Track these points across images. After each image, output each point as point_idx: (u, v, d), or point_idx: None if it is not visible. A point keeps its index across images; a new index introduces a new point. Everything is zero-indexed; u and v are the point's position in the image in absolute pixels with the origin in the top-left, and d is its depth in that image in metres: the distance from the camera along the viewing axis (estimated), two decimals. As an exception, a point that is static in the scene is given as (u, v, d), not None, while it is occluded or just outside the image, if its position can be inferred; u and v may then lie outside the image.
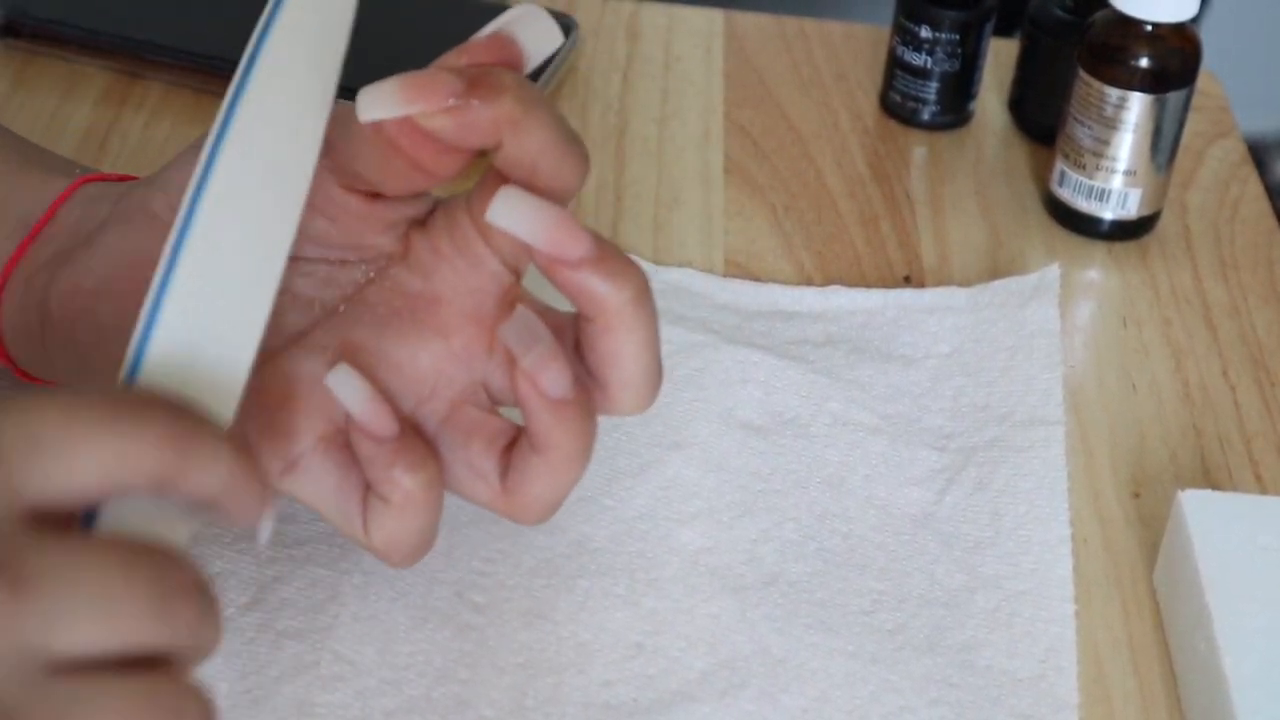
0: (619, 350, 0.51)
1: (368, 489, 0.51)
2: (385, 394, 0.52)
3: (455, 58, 0.51)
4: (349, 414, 0.50)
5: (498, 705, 0.54)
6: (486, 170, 0.52)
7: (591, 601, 0.58)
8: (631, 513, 0.61)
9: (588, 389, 0.51)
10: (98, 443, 0.40)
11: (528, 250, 0.51)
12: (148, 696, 0.40)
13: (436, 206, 0.54)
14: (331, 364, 0.52)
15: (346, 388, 0.50)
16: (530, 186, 0.50)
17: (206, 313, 0.46)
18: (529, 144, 0.50)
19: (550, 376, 0.49)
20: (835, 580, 0.59)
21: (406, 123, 0.49)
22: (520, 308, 0.51)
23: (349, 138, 0.51)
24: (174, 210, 0.52)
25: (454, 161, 0.51)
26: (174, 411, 0.41)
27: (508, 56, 0.51)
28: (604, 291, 0.50)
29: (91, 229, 0.55)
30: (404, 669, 0.55)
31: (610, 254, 0.50)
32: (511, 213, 0.49)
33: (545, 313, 0.53)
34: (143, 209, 0.54)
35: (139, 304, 0.50)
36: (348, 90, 0.50)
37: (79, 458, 0.40)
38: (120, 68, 0.82)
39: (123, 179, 0.58)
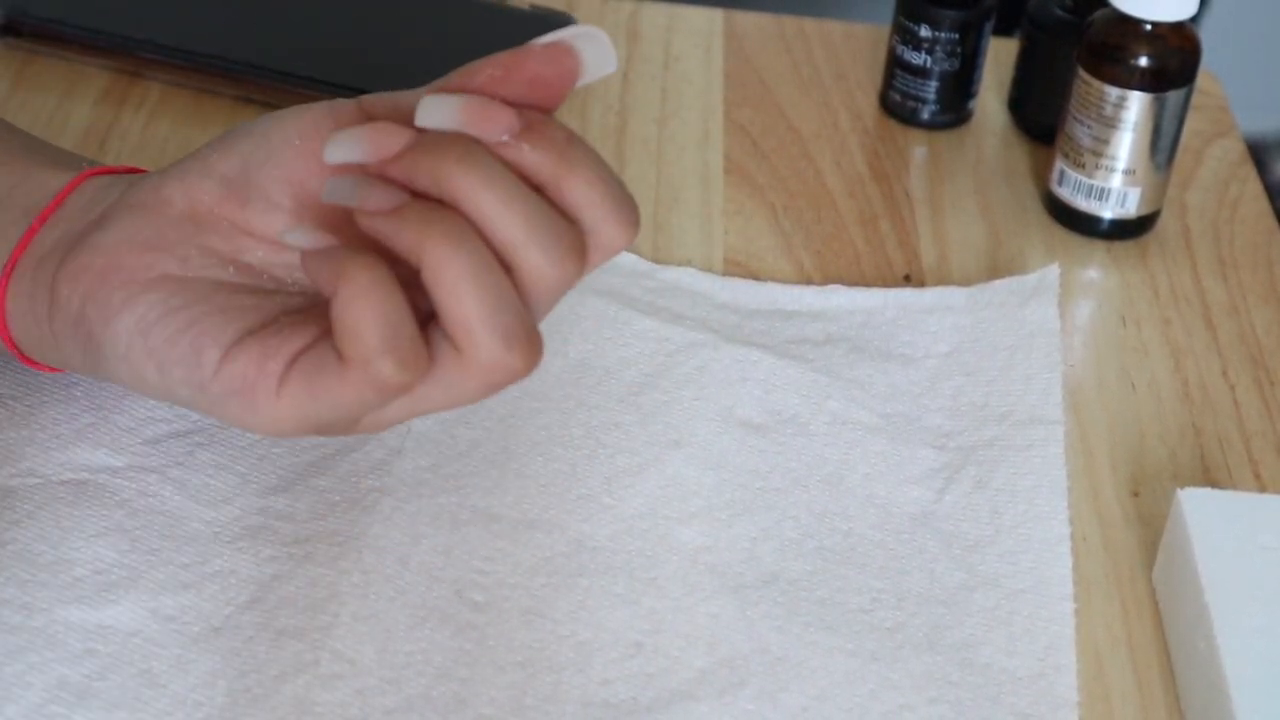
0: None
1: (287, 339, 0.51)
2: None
3: (513, 61, 0.51)
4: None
5: (497, 704, 0.54)
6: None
7: (591, 600, 0.58)
8: (631, 511, 0.61)
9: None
10: None
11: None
12: None
13: None
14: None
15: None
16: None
17: None
18: (570, 198, 0.50)
19: (375, 195, 0.50)
20: (835, 579, 0.59)
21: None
22: (331, 178, 0.51)
23: (380, 106, 0.53)
24: (189, 199, 0.53)
25: None
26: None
27: (565, 69, 0.51)
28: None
29: (101, 213, 0.55)
30: (403, 668, 0.55)
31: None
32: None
33: None
34: (156, 194, 0.54)
35: (145, 281, 0.50)
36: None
37: None
38: (120, 68, 0.82)
39: (131, 171, 0.58)
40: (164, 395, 0.53)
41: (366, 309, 0.48)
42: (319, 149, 0.53)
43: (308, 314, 0.52)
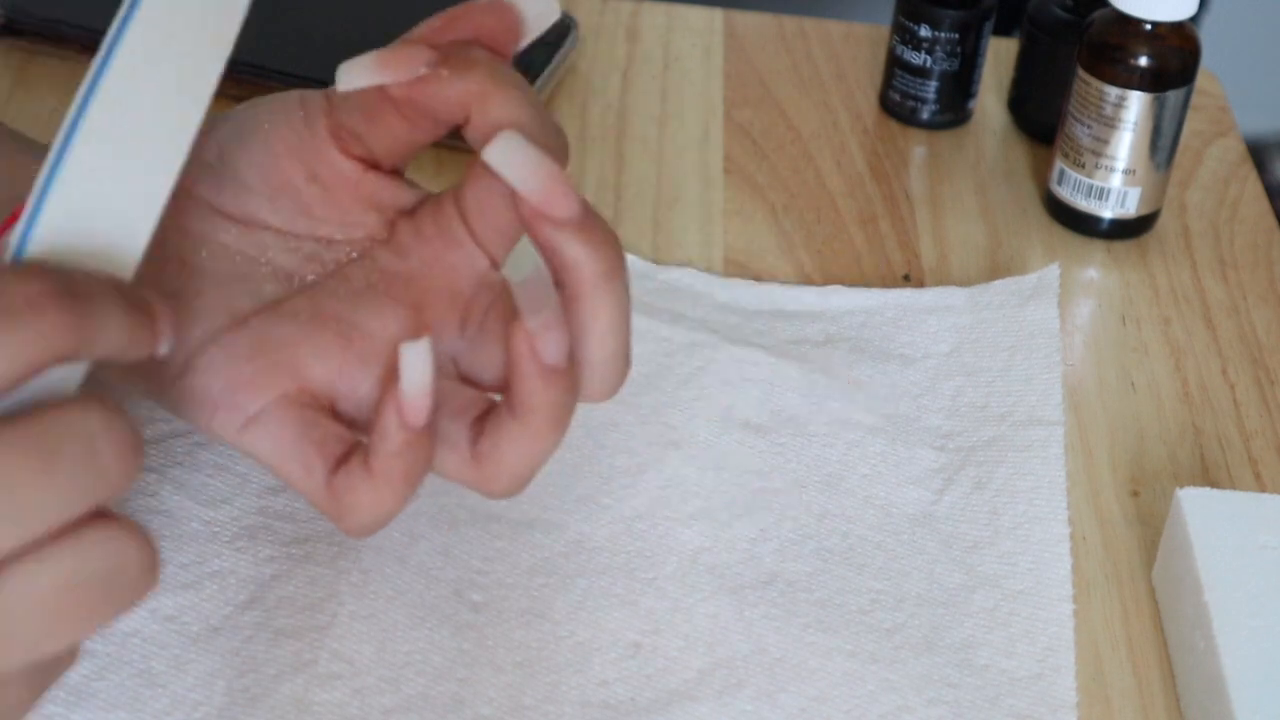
0: (586, 324, 0.50)
1: (349, 449, 0.50)
2: (356, 362, 0.52)
3: (455, 14, 0.51)
4: (399, 387, 0.48)
5: (495, 704, 0.54)
6: (474, 157, 0.52)
7: (590, 600, 0.58)
8: (630, 512, 0.61)
9: (576, 363, 0.50)
10: (65, 337, 0.40)
11: (509, 233, 0.51)
12: (77, 559, 0.40)
13: (428, 199, 0.54)
14: (304, 323, 0.51)
15: (415, 364, 0.48)
16: None
17: (101, 185, 0.45)
18: (498, 118, 0.49)
19: (550, 341, 0.48)
20: (834, 579, 0.59)
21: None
22: (537, 267, 0.49)
23: (345, 96, 0.52)
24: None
25: (432, 127, 0.52)
26: (71, 288, 0.41)
27: (506, 23, 0.51)
28: (582, 257, 0.49)
29: None
30: (402, 667, 0.55)
31: (595, 223, 0.49)
32: (508, 156, 0.48)
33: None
34: None
35: None
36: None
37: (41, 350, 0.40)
38: (120, 68, 0.82)
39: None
40: (123, 382, 0.53)
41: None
42: (286, 134, 0.53)
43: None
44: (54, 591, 0.40)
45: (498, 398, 0.51)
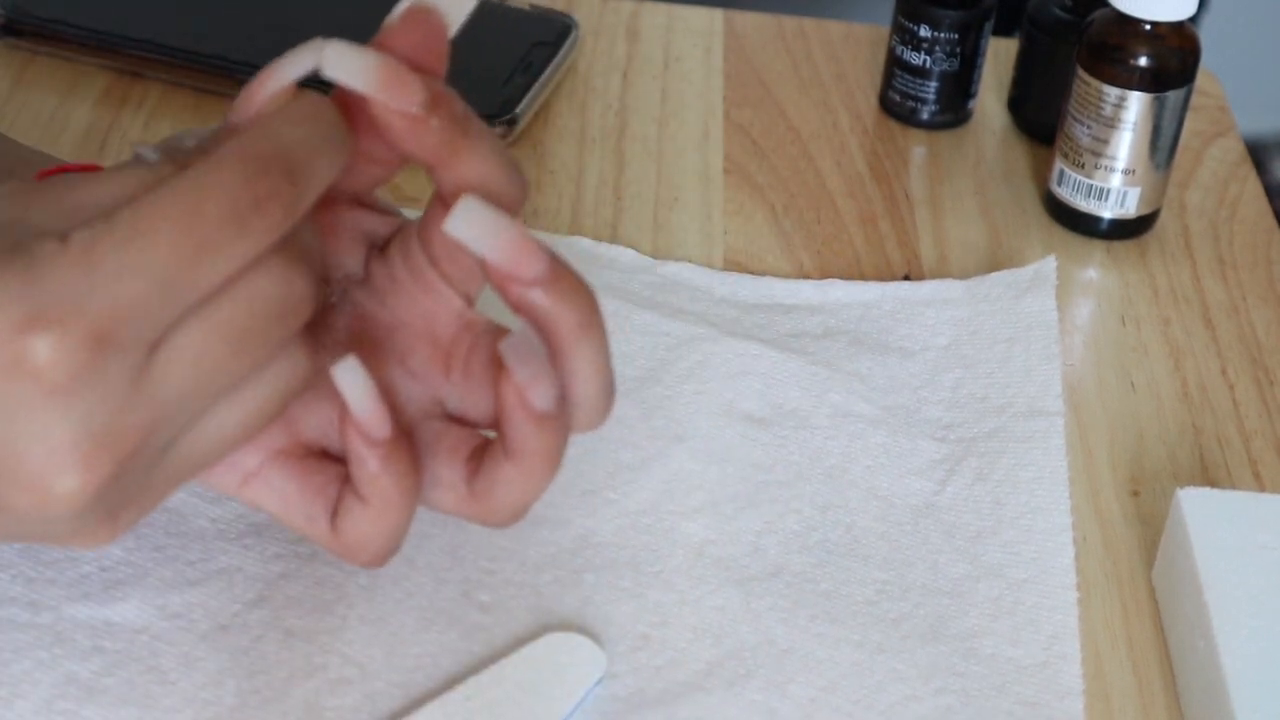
0: (570, 369, 0.50)
1: (341, 487, 0.51)
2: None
3: (383, 41, 0.50)
4: (348, 409, 0.49)
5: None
6: (433, 197, 0.52)
7: (597, 595, 0.58)
8: (635, 506, 0.61)
9: (566, 404, 0.51)
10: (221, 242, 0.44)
11: (479, 272, 0.52)
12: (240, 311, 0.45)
13: (396, 233, 0.54)
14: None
15: (352, 383, 0.49)
16: None
17: None
18: (466, 173, 0.49)
19: (539, 391, 0.49)
20: (839, 571, 0.60)
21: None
22: (524, 325, 0.50)
23: None
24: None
25: (394, 164, 0.53)
26: (285, 178, 0.45)
27: (432, 29, 0.50)
28: (555, 312, 0.49)
29: None
30: (412, 671, 0.55)
31: (562, 274, 0.50)
32: (469, 226, 0.48)
33: (499, 332, 0.53)
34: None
35: None
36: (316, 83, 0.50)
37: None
38: (120, 68, 0.82)
39: (85, 168, 0.58)
40: None
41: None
42: None
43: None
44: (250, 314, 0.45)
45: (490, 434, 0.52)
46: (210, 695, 0.53)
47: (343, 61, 0.48)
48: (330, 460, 0.52)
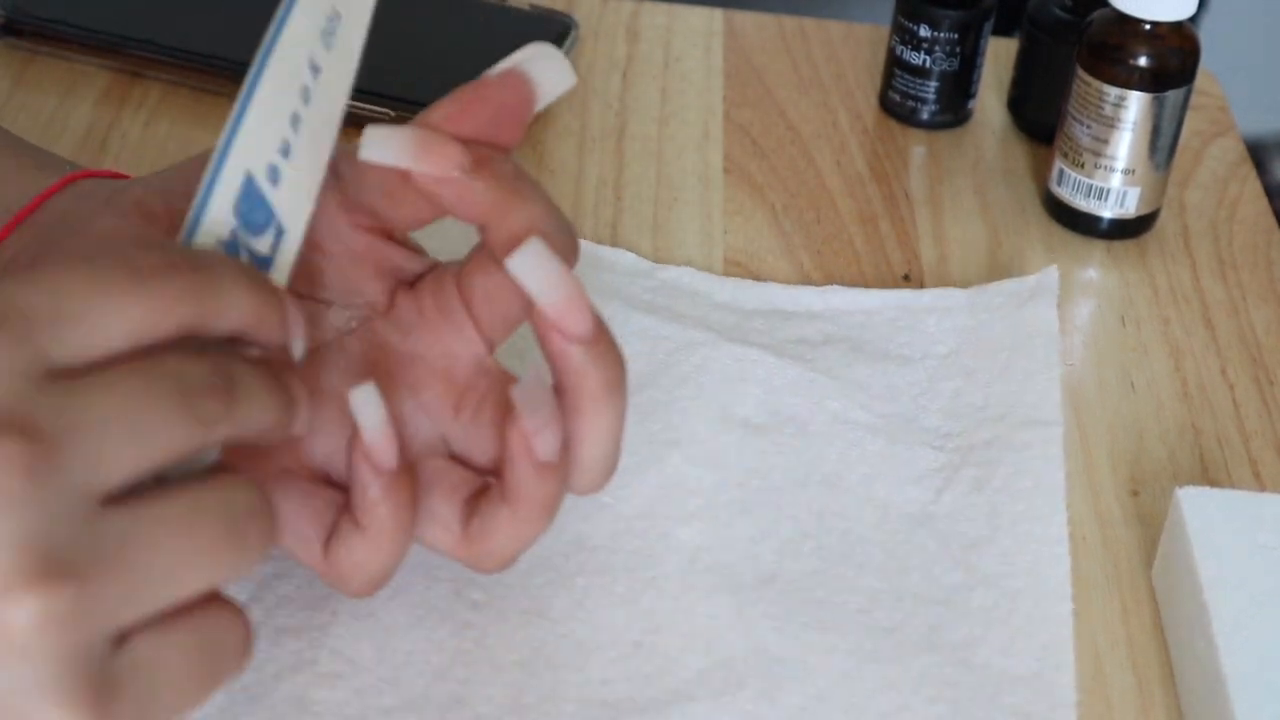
0: (583, 431, 0.52)
1: (334, 515, 0.52)
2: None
3: (470, 93, 0.52)
4: (360, 434, 0.50)
5: (495, 703, 0.54)
6: (479, 245, 0.53)
7: (590, 599, 0.58)
8: (630, 511, 0.61)
9: (566, 456, 0.52)
10: (123, 302, 0.42)
11: (509, 322, 0.53)
12: (200, 505, 0.42)
13: (427, 272, 0.55)
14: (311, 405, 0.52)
15: (367, 408, 0.50)
16: None
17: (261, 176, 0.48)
18: (517, 230, 0.51)
19: (544, 440, 0.50)
20: (833, 578, 0.59)
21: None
22: (535, 371, 0.51)
23: (358, 169, 0.52)
24: (170, 210, 0.53)
25: (445, 213, 0.53)
26: (194, 261, 0.44)
27: (521, 96, 0.52)
28: (587, 370, 0.51)
29: (82, 218, 0.55)
30: (402, 666, 0.55)
31: (604, 338, 0.51)
32: (532, 268, 0.50)
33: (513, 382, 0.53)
34: (139, 206, 0.54)
35: None
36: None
37: (106, 317, 0.42)
38: (120, 68, 0.82)
39: (117, 176, 0.58)
40: None
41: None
42: None
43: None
44: (176, 661, 0.42)
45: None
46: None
47: (378, 145, 0.50)
48: (331, 487, 0.53)
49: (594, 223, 0.76)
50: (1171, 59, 0.73)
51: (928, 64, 0.81)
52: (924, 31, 0.80)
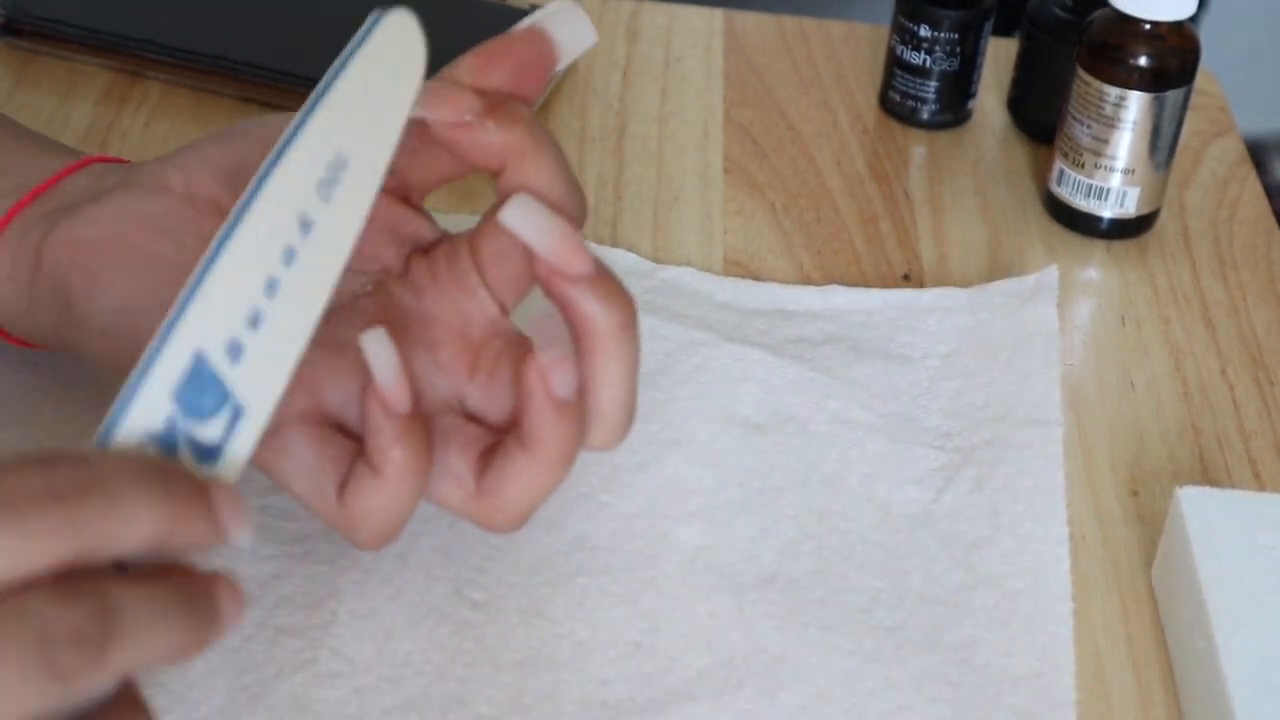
0: (597, 376, 0.52)
1: (352, 462, 0.52)
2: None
3: (492, 49, 0.53)
4: (373, 377, 0.50)
5: (495, 703, 0.54)
6: (490, 209, 0.54)
7: (589, 599, 0.58)
8: (630, 510, 0.61)
9: (584, 400, 0.52)
10: (62, 537, 0.39)
11: (521, 283, 0.54)
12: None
13: (443, 239, 0.56)
14: (324, 347, 0.52)
15: (379, 351, 0.50)
16: None
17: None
18: (530, 178, 0.52)
19: (561, 376, 0.50)
20: (834, 578, 0.59)
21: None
22: (551, 306, 0.51)
23: None
24: (189, 185, 0.53)
25: (465, 166, 0.54)
26: (83, 482, 0.40)
27: (542, 52, 0.53)
28: (595, 312, 0.51)
29: (99, 191, 0.56)
30: (402, 666, 0.55)
31: (608, 279, 0.52)
32: (524, 218, 0.51)
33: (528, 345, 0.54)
34: (157, 180, 0.55)
35: (138, 259, 0.50)
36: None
37: (36, 552, 0.39)
38: (120, 67, 0.82)
39: (110, 161, 0.59)
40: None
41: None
42: None
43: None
44: None
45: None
46: (200, 695, 0.53)
47: None
48: (346, 435, 0.53)
49: (594, 222, 0.76)
50: (1171, 59, 0.73)
51: (928, 64, 0.81)
52: (924, 31, 0.80)
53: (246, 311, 0.45)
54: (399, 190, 0.55)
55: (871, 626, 0.58)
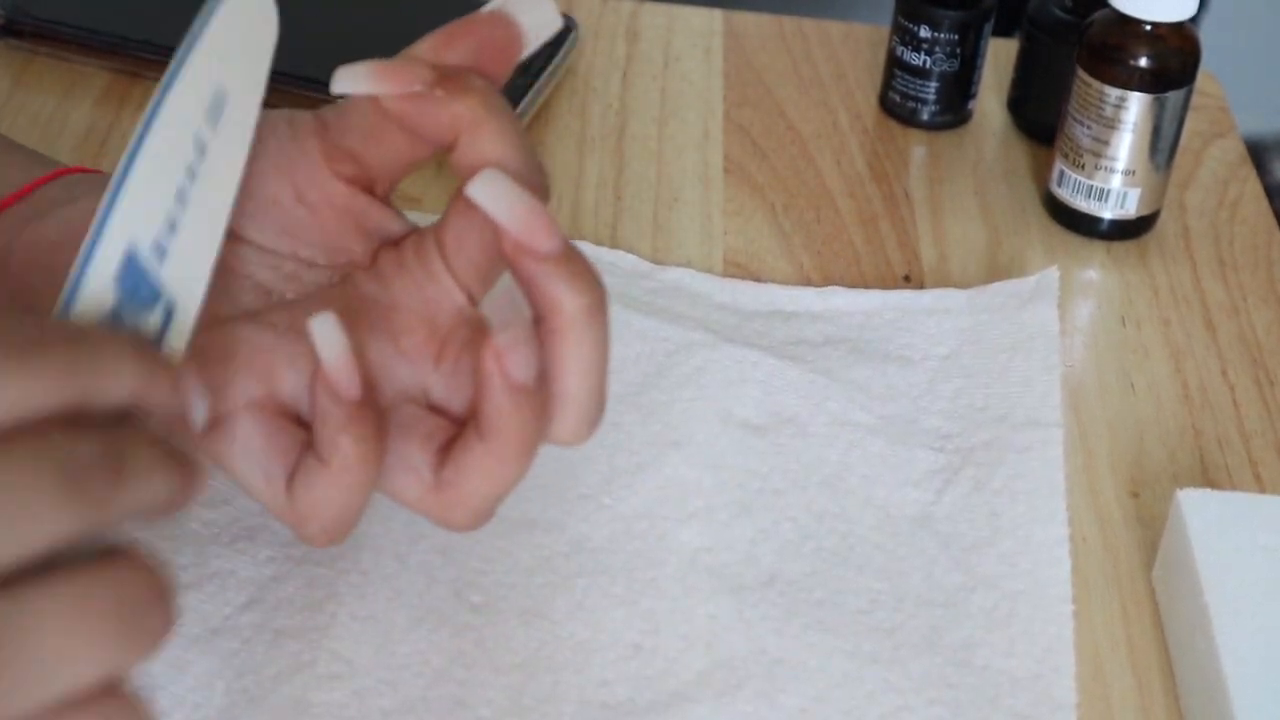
0: (565, 359, 0.50)
1: (300, 453, 0.50)
2: None
3: (454, 28, 0.52)
4: (320, 362, 0.49)
5: (495, 705, 0.54)
6: (453, 197, 0.52)
7: (589, 601, 0.58)
8: (629, 512, 0.61)
9: (545, 388, 0.50)
10: (66, 377, 0.40)
11: (487, 271, 0.52)
12: (92, 592, 0.39)
13: (412, 233, 0.54)
14: (280, 334, 0.51)
15: (326, 336, 0.49)
16: None
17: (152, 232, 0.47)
18: (486, 150, 0.50)
19: (518, 358, 0.48)
20: (833, 580, 0.59)
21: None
22: (505, 286, 0.50)
23: (341, 112, 0.52)
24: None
25: (424, 147, 0.52)
26: (73, 334, 0.41)
27: (506, 36, 0.52)
28: (563, 292, 0.49)
29: (70, 200, 0.55)
30: (401, 668, 0.55)
31: (577, 259, 0.50)
32: (491, 191, 0.49)
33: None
34: None
35: None
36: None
37: (41, 391, 0.39)
38: (120, 68, 0.82)
39: (84, 173, 0.59)
40: None
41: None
42: (274, 152, 0.53)
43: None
44: None
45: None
46: (200, 698, 0.53)
47: (347, 77, 0.51)
48: (300, 426, 0.51)
49: (594, 223, 0.76)
50: (1172, 60, 0.73)
51: (928, 64, 0.81)
52: (924, 32, 0.80)
53: (164, 216, 0.47)
54: (361, 179, 0.53)
55: (871, 628, 0.58)
